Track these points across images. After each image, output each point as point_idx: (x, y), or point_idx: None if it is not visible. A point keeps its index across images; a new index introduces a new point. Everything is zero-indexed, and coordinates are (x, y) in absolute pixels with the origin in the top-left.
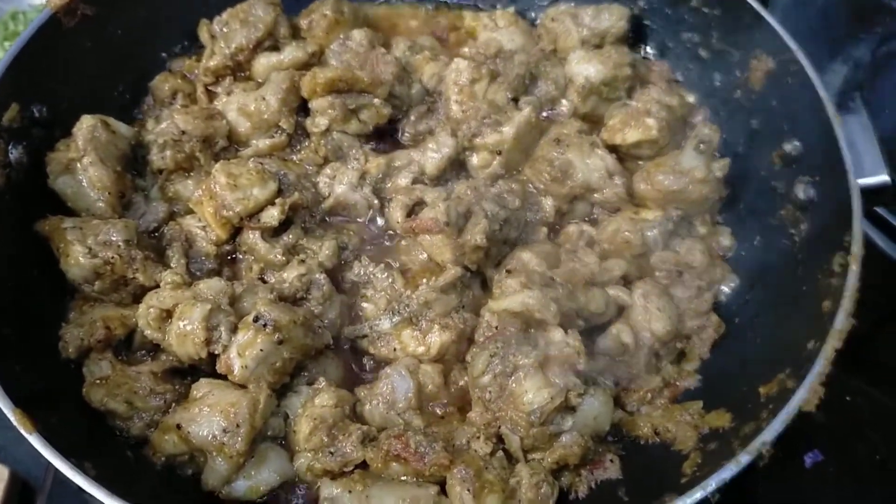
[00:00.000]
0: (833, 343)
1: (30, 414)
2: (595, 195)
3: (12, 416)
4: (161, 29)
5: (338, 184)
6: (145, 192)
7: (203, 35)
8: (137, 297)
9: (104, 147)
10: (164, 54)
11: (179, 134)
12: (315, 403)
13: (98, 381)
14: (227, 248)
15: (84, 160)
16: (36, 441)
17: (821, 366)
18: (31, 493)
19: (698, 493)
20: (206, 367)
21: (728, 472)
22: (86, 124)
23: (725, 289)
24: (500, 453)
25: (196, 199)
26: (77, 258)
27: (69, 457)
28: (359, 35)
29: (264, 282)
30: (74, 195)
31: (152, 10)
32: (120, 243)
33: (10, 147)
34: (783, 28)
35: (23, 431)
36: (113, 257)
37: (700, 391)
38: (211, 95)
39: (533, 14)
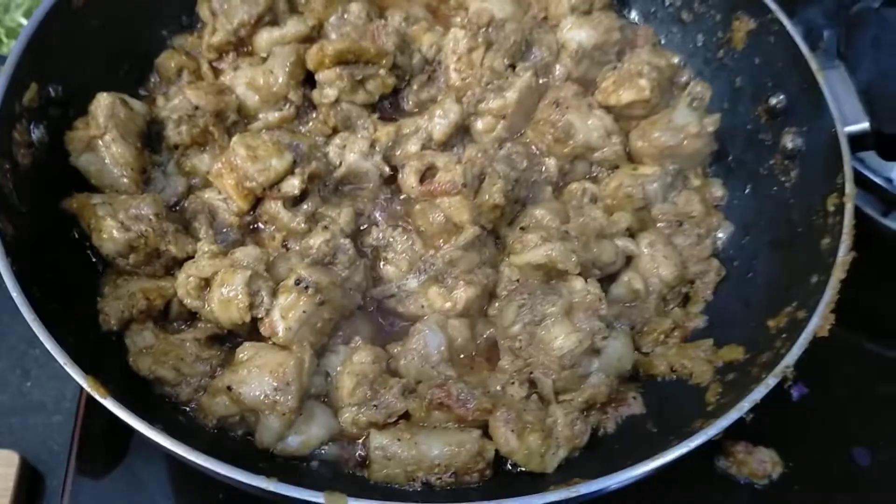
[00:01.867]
0: (838, 274)
1: (101, 380)
2: (595, 154)
3: (84, 382)
4: (162, 7)
5: (349, 153)
6: (162, 168)
7: (203, 12)
8: (170, 269)
9: (124, 124)
10: (164, 32)
11: (192, 109)
12: (354, 361)
13: (143, 351)
14: (248, 218)
15: (106, 137)
16: (111, 405)
17: (829, 295)
18: (40, 479)
19: (734, 414)
20: (243, 333)
21: (759, 393)
22: (104, 101)
23: (722, 235)
24: (534, 396)
25: (216, 172)
26: (111, 232)
27: (145, 417)
28: (356, 8)
29: (288, 249)
30: (98, 172)
31: None
32: (151, 217)
33: (31, 127)
34: None
35: (97, 396)
36: (146, 230)
37: (708, 331)
38: (216, 71)
39: None
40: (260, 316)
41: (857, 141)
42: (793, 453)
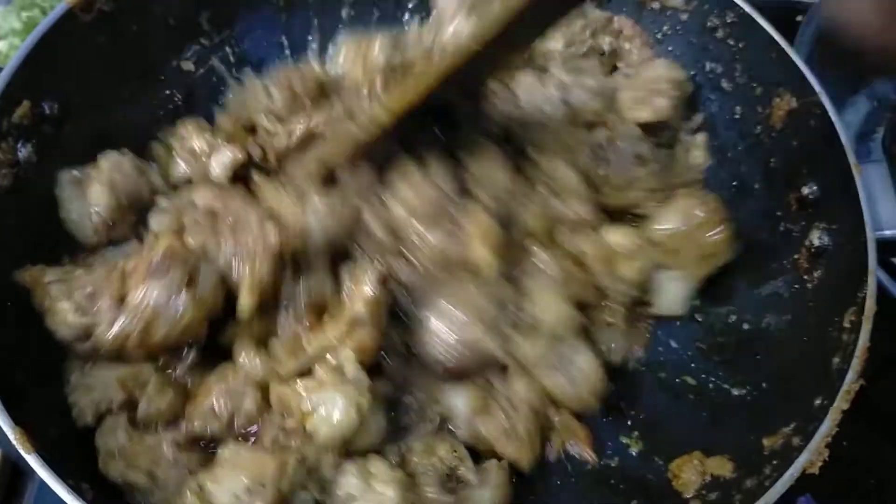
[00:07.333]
0: (841, 404)
1: (30, 433)
2: None
3: (12, 434)
4: (172, 27)
5: None
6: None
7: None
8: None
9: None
10: (175, 62)
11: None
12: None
13: (114, 453)
14: None
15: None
16: (34, 461)
17: (827, 427)
18: (22, 475)
19: None
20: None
21: None
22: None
23: None
24: None
25: None
26: (65, 317)
27: (67, 479)
28: None
29: None
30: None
31: (166, 7)
32: None
33: (19, 145)
34: (809, 65)
35: (21, 451)
36: None
37: (703, 433)
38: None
39: None
40: None
41: (892, 247)
42: None
